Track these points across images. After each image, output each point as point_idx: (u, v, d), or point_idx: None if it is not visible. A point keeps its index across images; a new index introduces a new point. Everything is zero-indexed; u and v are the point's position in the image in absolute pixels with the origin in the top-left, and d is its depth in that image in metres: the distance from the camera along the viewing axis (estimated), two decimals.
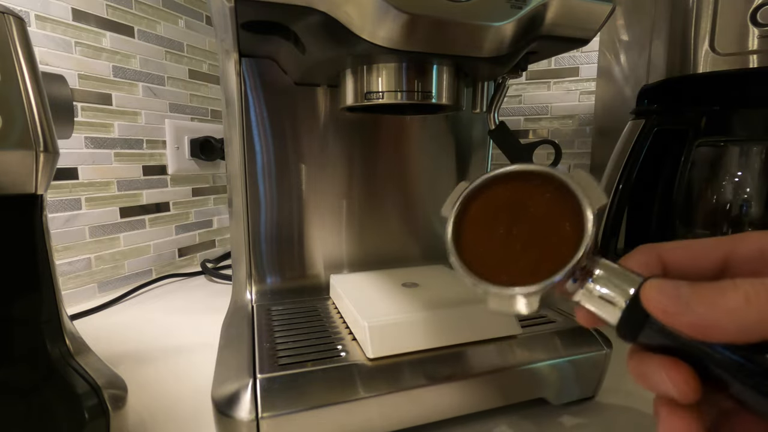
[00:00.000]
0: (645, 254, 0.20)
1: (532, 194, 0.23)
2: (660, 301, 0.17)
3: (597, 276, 0.19)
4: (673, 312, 0.16)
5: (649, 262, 0.20)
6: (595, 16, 0.30)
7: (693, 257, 0.20)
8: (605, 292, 0.19)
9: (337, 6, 0.26)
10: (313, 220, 0.46)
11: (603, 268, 0.19)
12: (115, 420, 0.27)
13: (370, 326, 0.31)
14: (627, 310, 0.18)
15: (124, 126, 0.61)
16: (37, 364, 0.27)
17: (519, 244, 0.22)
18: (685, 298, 0.16)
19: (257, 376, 0.29)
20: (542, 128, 0.78)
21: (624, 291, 0.18)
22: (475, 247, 0.23)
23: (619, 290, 0.19)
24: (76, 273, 0.57)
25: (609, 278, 0.19)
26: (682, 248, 0.20)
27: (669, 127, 0.44)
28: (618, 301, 0.19)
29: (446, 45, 0.28)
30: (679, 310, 0.16)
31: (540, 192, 0.22)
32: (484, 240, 0.23)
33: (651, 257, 0.20)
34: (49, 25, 0.52)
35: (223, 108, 0.42)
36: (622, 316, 0.18)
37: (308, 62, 0.35)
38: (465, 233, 0.23)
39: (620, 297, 0.19)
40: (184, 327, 0.50)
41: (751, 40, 0.38)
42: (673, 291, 0.16)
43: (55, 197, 0.54)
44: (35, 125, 0.25)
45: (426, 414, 0.31)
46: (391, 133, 0.47)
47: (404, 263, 0.48)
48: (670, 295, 0.16)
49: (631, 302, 0.18)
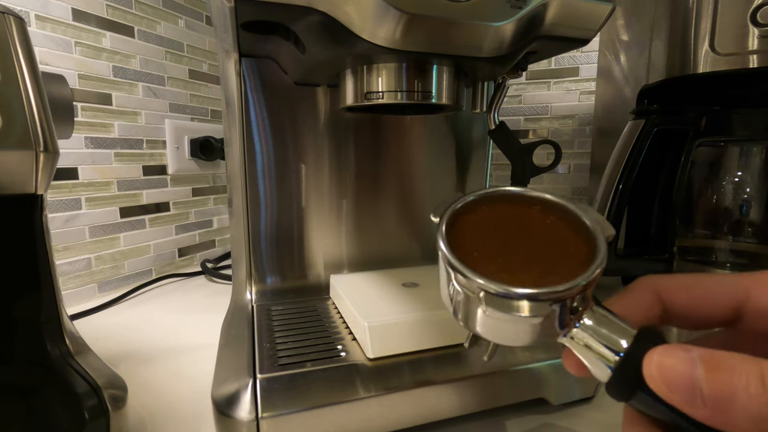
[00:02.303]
0: (643, 293, 0.18)
1: (533, 217, 0.22)
2: (666, 385, 0.14)
3: (585, 324, 0.18)
4: (683, 401, 0.13)
5: (647, 301, 0.17)
6: (595, 16, 0.30)
7: (700, 302, 0.17)
8: (594, 344, 0.17)
9: (337, 6, 0.26)
10: (313, 220, 0.46)
11: (594, 315, 0.18)
12: (115, 420, 0.27)
13: (370, 326, 0.31)
14: (618, 370, 0.16)
15: (124, 126, 0.61)
16: (37, 364, 0.27)
17: (519, 259, 0.20)
18: (699, 384, 0.13)
19: (257, 376, 0.29)
20: (542, 128, 0.78)
21: (616, 345, 0.17)
22: (470, 251, 0.21)
23: (611, 344, 0.17)
24: (76, 273, 0.57)
25: (600, 328, 0.17)
26: (687, 290, 0.17)
27: (669, 127, 0.44)
28: (608, 356, 0.17)
29: (446, 45, 0.28)
30: (690, 400, 0.13)
31: (542, 216, 0.22)
32: (481, 249, 0.21)
33: (649, 296, 0.17)
34: (49, 25, 0.52)
35: (223, 108, 0.42)
36: (612, 375, 0.17)
37: (308, 62, 0.35)
38: (458, 239, 0.21)
39: (611, 352, 0.17)
40: (184, 327, 0.50)
41: (751, 40, 0.38)
42: (684, 375, 0.13)
43: (55, 197, 0.54)
44: (35, 125, 0.25)
45: (426, 414, 0.31)
46: (391, 133, 0.47)
47: (404, 263, 0.48)
48: (679, 379, 0.13)
49: (623, 361, 0.16)
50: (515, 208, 0.23)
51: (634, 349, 0.16)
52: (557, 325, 0.18)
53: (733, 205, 0.49)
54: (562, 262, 0.19)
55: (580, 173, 0.77)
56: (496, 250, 0.20)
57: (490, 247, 0.21)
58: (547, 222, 0.21)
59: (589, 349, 0.17)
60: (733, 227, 0.49)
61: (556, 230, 0.21)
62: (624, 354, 0.16)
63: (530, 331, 0.19)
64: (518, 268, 0.19)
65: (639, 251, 0.48)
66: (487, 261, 0.20)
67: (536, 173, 0.45)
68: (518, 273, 0.19)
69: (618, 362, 0.16)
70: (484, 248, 0.21)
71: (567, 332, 0.18)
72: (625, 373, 0.16)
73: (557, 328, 0.18)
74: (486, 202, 0.23)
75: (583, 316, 0.18)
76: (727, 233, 0.49)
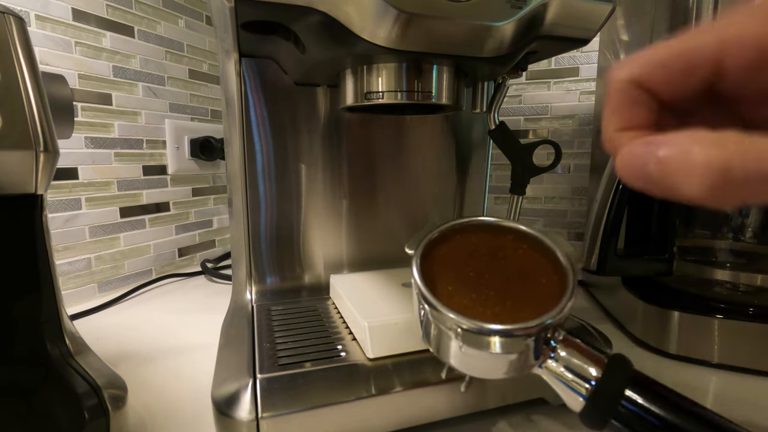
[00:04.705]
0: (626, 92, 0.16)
1: (506, 246, 0.22)
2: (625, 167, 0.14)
3: (559, 355, 0.18)
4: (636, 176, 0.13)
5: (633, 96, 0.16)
6: (595, 16, 0.30)
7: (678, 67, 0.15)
8: (567, 374, 0.17)
9: (337, 6, 0.26)
10: (312, 220, 0.46)
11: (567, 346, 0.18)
12: (115, 420, 0.27)
13: (370, 326, 0.31)
14: (590, 399, 0.17)
15: (124, 126, 0.61)
16: (37, 364, 0.27)
17: (492, 292, 0.20)
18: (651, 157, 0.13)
19: (257, 376, 0.29)
20: (542, 128, 0.78)
21: (588, 374, 0.17)
22: (444, 285, 0.21)
23: (583, 373, 0.17)
24: (76, 273, 0.57)
25: (572, 358, 0.18)
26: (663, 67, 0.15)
27: None
28: (581, 385, 0.17)
29: (446, 45, 0.28)
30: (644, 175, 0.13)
31: (513, 246, 0.22)
32: (455, 282, 0.21)
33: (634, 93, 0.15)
34: (49, 25, 0.52)
35: (223, 108, 0.42)
36: (585, 404, 0.17)
37: (308, 62, 0.35)
38: (433, 271, 0.22)
39: (583, 381, 0.17)
40: (183, 327, 0.50)
41: None
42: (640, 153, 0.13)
43: (55, 197, 0.54)
44: (35, 125, 0.25)
45: (426, 414, 0.31)
46: (391, 133, 0.47)
47: (404, 263, 0.48)
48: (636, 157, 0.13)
49: (594, 390, 0.17)
50: (488, 237, 0.23)
51: (606, 377, 0.17)
52: (532, 358, 0.19)
53: None
54: (534, 295, 0.19)
55: (580, 173, 0.77)
56: (469, 282, 0.21)
57: (463, 280, 0.21)
58: (519, 252, 0.22)
59: (562, 380, 0.18)
60: (733, 227, 0.49)
61: (528, 260, 0.21)
62: (596, 383, 0.17)
63: (504, 366, 0.19)
64: (492, 302, 0.20)
65: (639, 251, 0.48)
66: (461, 294, 0.20)
67: (536, 173, 0.45)
68: (492, 306, 0.19)
69: (590, 390, 0.17)
70: (457, 281, 0.21)
71: (541, 363, 0.18)
72: (598, 402, 0.16)
73: (531, 360, 0.19)
74: (460, 232, 0.23)
75: (556, 348, 0.18)
76: (727, 233, 0.49)
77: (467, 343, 0.18)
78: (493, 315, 0.19)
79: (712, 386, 0.39)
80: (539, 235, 0.21)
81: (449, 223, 0.24)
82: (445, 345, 0.20)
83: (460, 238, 0.23)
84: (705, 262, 0.50)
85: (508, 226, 0.23)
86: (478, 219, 0.24)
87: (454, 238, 0.23)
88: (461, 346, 0.19)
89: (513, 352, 0.18)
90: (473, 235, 0.23)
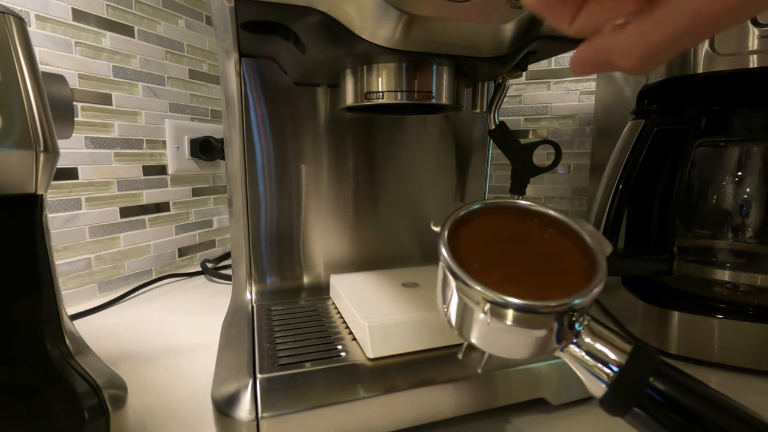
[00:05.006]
0: None
1: (532, 229, 0.22)
2: None
3: (582, 340, 0.18)
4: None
5: None
6: None
7: None
8: (590, 359, 0.18)
9: (337, 6, 0.26)
10: (312, 220, 0.46)
11: (591, 331, 0.18)
12: (115, 420, 0.27)
13: (370, 326, 0.31)
14: (613, 386, 0.17)
15: (124, 126, 0.61)
16: (37, 364, 0.27)
17: (518, 271, 0.20)
18: None
19: (257, 376, 0.29)
20: (542, 128, 0.78)
21: (611, 361, 0.17)
22: (471, 261, 0.21)
23: (607, 360, 0.17)
24: (76, 273, 0.57)
25: (596, 344, 0.18)
26: None
27: (669, 127, 0.44)
28: (604, 372, 0.17)
29: (446, 45, 0.28)
30: None
31: (540, 230, 0.22)
32: (481, 260, 0.21)
33: None
34: (49, 25, 0.52)
35: (223, 108, 0.42)
36: (607, 390, 0.17)
37: (308, 62, 0.35)
38: (459, 248, 0.21)
39: (607, 368, 0.17)
40: (184, 327, 0.50)
41: (751, 40, 0.38)
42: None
43: (55, 197, 0.54)
44: (35, 125, 0.25)
45: (426, 414, 0.31)
46: (391, 133, 0.47)
47: (404, 263, 0.48)
48: None
49: (618, 377, 0.17)
50: (515, 219, 0.23)
51: (630, 365, 0.16)
52: (554, 340, 0.18)
53: (733, 205, 0.49)
54: (561, 277, 0.19)
55: (580, 173, 0.77)
56: (496, 261, 0.21)
57: (490, 258, 0.21)
58: (546, 235, 0.21)
59: (584, 365, 0.18)
60: (733, 227, 0.49)
61: (555, 244, 0.21)
62: (619, 370, 0.17)
63: (527, 344, 0.19)
64: (518, 280, 0.20)
65: (639, 251, 0.48)
66: (488, 271, 0.20)
67: (536, 173, 0.45)
68: (518, 285, 0.19)
69: (613, 378, 0.17)
70: (484, 259, 0.21)
71: (564, 347, 0.18)
72: (620, 389, 0.16)
73: (554, 342, 0.19)
74: (486, 213, 0.23)
75: (580, 332, 0.18)
76: (727, 233, 0.49)
77: (493, 316, 0.18)
78: (519, 293, 0.18)
79: (711, 386, 0.39)
80: (567, 220, 0.21)
81: (475, 202, 0.24)
82: (469, 320, 0.20)
83: (487, 219, 0.23)
84: (705, 262, 0.50)
85: (536, 209, 0.23)
86: (506, 201, 0.24)
87: (481, 218, 0.23)
88: (487, 321, 0.19)
89: (537, 328, 0.18)
90: (500, 216, 0.23)
